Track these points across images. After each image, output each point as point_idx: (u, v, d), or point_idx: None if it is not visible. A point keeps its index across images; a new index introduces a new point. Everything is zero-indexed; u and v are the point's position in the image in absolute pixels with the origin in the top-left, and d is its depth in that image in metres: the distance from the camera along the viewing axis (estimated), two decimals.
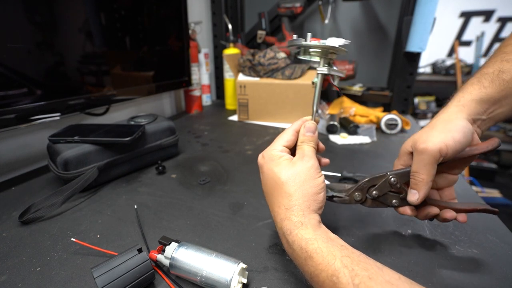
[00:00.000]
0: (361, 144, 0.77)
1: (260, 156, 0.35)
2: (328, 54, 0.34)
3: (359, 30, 1.16)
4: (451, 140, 0.32)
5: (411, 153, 0.36)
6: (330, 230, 0.29)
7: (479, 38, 1.97)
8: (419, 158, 0.33)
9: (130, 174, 0.59)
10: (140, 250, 0.31)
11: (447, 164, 0.36)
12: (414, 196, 0.35)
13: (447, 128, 0.33)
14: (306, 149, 0.33)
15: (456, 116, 0.34)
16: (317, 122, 0.36)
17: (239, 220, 0.44)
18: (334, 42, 0.32)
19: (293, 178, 0.31)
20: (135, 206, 0.47)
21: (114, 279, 0.28)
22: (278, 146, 0.35)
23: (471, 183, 1.91)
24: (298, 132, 0.35)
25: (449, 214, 0.35)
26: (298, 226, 0.29)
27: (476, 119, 0.35)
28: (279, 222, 0.31)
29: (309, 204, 0.30)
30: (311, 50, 0.34)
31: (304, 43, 0.33)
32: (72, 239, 0.37)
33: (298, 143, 0.35)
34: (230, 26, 1.10)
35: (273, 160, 0.33)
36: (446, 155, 0.32)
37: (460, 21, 2.01)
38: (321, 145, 0.39)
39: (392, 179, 0.36)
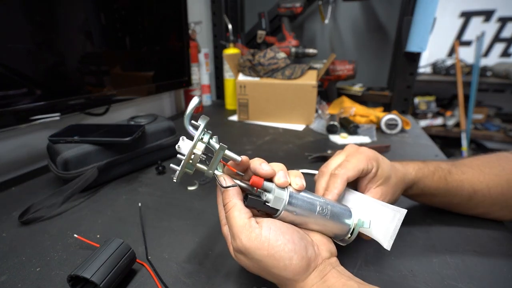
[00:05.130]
0: (361, 144, 0.77)
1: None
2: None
3: (359, 30, 1.16)
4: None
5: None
6: None
7: (479, 38, 1.97)
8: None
9: (130, 174, 0.59)
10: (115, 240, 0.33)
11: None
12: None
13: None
14: (231, 221, 0.27)
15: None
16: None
17: None
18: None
19: (254, 268, 0.26)
20: (139, 204, 0.47)
21: (99, 267, 0.29)
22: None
23: None
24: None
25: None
26: None
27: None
28: None
29: (285, 281, 0.26)
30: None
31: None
32: (75, 235, 0.37)
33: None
34: (230, 26, 1.10)
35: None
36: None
37: (460, 21, 2.00)
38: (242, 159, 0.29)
39: None
